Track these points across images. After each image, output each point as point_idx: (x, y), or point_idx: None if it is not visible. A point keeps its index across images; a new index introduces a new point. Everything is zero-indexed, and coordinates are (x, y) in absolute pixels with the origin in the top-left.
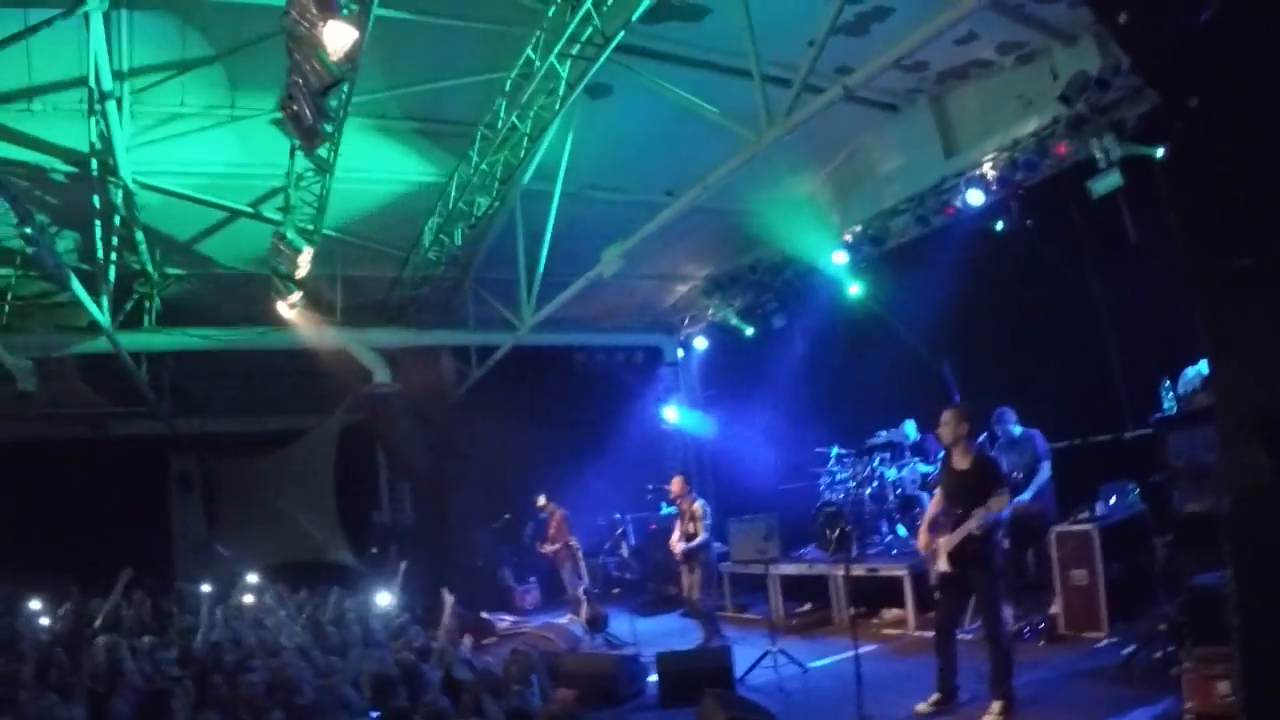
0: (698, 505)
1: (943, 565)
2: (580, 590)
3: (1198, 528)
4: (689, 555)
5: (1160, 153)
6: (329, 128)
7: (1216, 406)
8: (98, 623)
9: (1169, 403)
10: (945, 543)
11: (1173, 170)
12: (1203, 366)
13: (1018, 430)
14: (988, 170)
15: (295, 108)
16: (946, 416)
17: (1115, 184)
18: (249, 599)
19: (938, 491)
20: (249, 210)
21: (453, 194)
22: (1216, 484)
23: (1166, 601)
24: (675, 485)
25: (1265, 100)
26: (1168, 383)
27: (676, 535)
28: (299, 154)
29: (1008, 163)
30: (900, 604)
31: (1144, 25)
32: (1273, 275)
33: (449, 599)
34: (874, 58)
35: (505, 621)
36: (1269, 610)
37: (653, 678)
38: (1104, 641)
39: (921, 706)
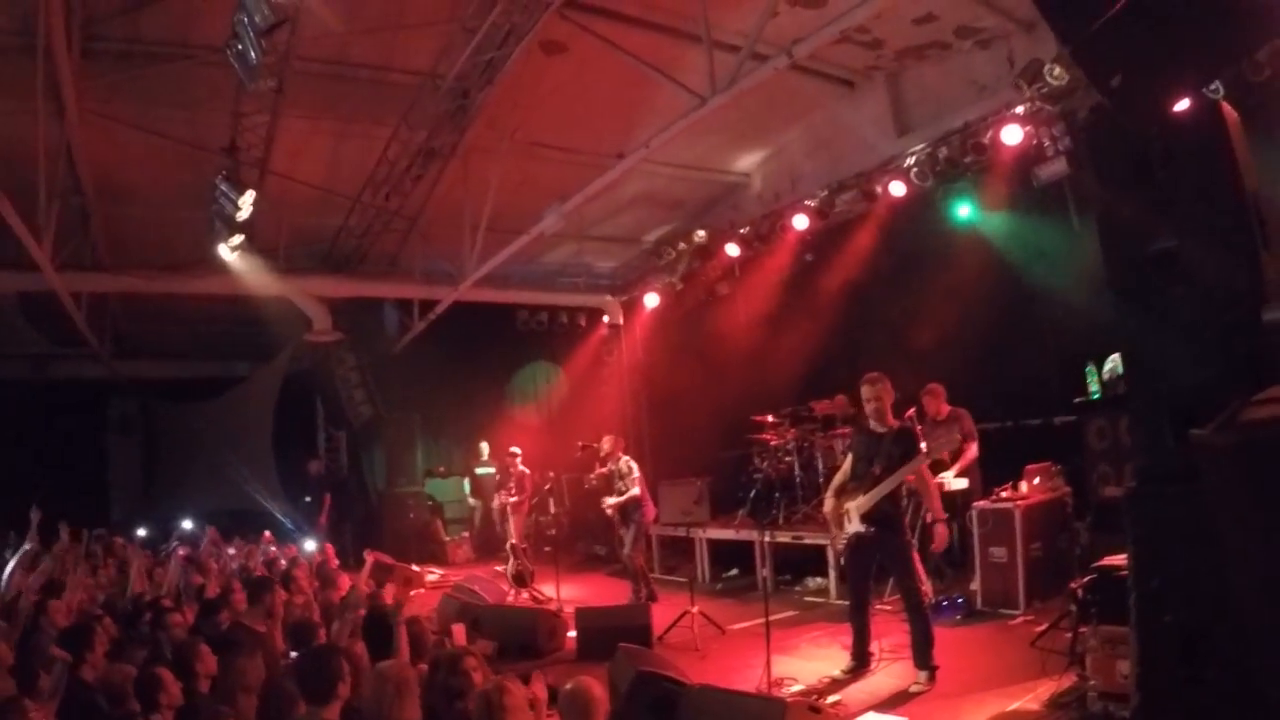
0: (624, 463)
1: (855, 526)
2: (509, 545)
3: (1115, 511)
4: (623, 513)
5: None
6: (273, 67)
7: (1129, 389)
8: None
9: (1094, 388)
10: (858, 504)
11: (1098, 151)
12: None
13: (946, 409)
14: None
15: (240, 46)
16: (871, 386)
17: (1061, 172)
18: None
19: (847, 460)
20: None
21: (400, 142)
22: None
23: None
24: (606, 444)
25: (1189, 85)
26: (1092, 368)
27: (609, 495)
28: (245, 94)
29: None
30: (823, 573)
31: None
32: (1190, 258)
33: (369, 559)
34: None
35: (435, 574)
36: (1164, 589)
37: (573, 633)
38: (1019, 619)
39: (836, 674)
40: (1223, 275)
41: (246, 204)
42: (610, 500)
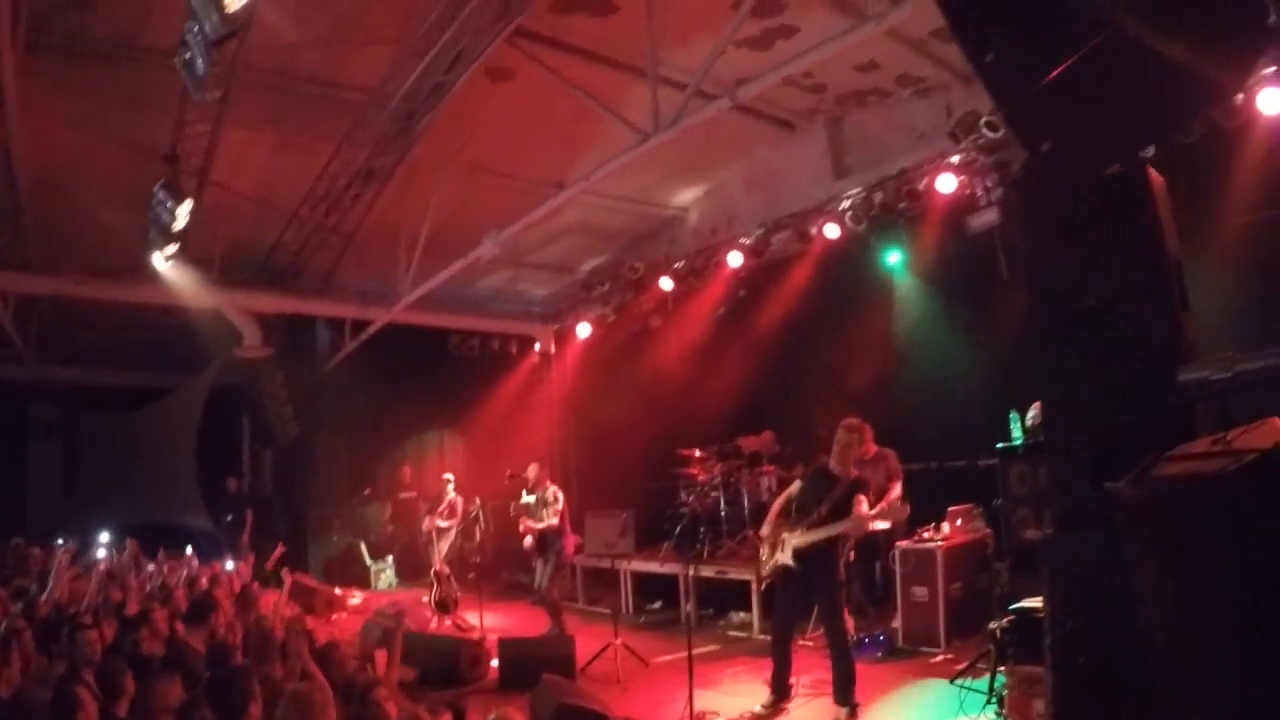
0: (550, 492)
1: (786, 558)
2: (433, 572)
3: (1034, 554)
4: (542, 543)
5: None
6: (220, 77)
7: (1048, 437)
8: None
9: (1016, 434)
10: (796, 538)
11: (1029, 205)
12: None
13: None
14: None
15: (189, 55)
16: (847, 432)
17: (992, 222)
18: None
19: (795, 487)
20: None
21: (342, 159)
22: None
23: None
24: (531, 471)
25: (1117, 156)
26: (1016, 415)
27: (530, 522)
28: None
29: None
30: (747, 608)
31: (1006, 68)
32: (1113, 315)
33: (288, 581)
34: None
35: (357, 598)
36: (1079, 631)
37: (495, 662)
38: (939, 657)
39: (757, 708)
40: (1143, 333)
41: (183, 214)
42: (529, 527)
